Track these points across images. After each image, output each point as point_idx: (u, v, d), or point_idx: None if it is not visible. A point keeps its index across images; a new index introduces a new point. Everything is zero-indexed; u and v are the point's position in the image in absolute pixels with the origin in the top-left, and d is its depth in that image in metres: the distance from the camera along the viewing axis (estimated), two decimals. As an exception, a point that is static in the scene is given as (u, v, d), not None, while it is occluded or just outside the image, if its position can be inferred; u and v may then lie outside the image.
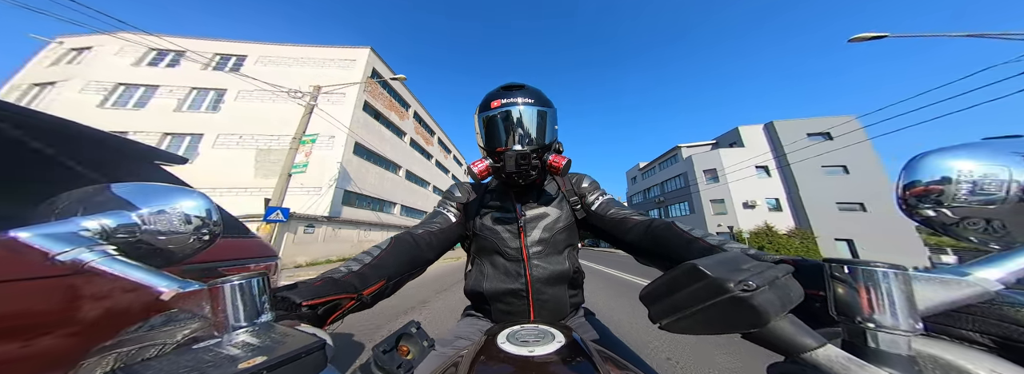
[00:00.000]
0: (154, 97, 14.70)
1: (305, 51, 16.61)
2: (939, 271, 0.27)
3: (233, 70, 15.50)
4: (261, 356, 0.24)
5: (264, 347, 0.26)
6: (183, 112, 14.49)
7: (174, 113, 14.37)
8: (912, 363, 0.24)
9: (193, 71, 15.32)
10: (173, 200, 0.42)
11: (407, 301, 4.96)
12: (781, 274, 0.29)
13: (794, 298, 0.28)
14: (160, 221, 0.40)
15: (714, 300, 0.26)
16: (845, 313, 0.27)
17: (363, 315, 3.20)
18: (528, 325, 0.60)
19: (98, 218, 0.36)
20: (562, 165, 0.78)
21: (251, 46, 16.36)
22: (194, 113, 14.56)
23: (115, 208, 0.38)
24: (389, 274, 0.63)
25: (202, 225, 0.43)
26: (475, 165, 0.79)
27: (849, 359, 0.23)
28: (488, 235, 0.90)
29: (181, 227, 0.42)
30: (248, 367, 0.23)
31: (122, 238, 0.38)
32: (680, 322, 0.29)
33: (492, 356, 0.49)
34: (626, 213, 0.84)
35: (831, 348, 0.24)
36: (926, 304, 0.26)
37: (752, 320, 0.25)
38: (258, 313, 0.32)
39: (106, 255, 0.33)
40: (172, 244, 0.41)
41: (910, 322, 0.25)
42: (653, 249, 0.69)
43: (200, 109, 14.80)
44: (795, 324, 0.26)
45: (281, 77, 14.41)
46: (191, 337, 0.32)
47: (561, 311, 0.88)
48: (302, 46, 16.62)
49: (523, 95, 0.82)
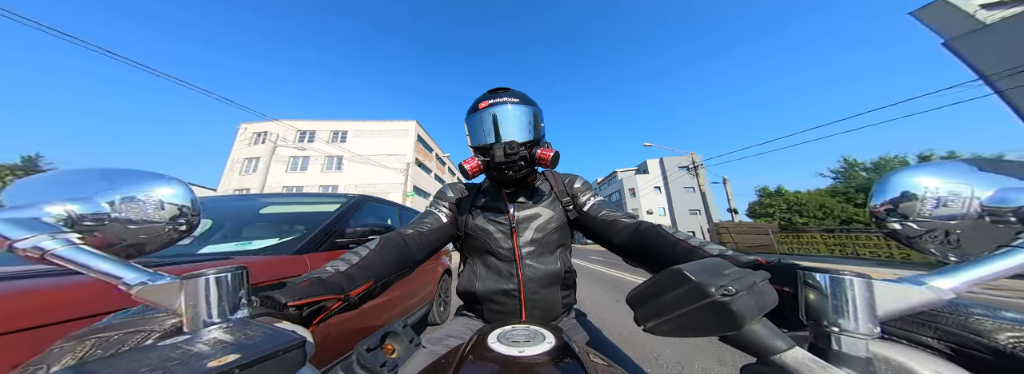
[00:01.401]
0: (310, 163, 24.38)
1: (376, 125, 26.57)
2: (899, 280, 0.28)
3: (342, 142, 25.14)
4: (234, 354, 0.23)
5: (238, 344, 0.25)
6: (325, 172, 24.14)
7: (321, 173, 24.00)
8: (868, 364, 0.26)
9: (322, 144, 24.37)
10: (146, 186, 0.38)
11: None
12: (759, 280, 0.30)
13: (769, 303, 0.29)
14: (131, 209, 0.37)
15: (696, 304, 0.27)
16: (813, 317, 0.29)
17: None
18: (519, 325, 0.59)
19: (63, 204, 0.33)
20: (550, 157, 0.79)
21: (349, 124, 26.16)
22: (330, 172, 24.19)
23: (82, 194, 0.35)
24: (377, 274, 0.63)
25: (178, 214, 0.39)
26: (466, 162, 0.79)
27: (813, 360, 0.25)
28: (480, 235, 0.90)
29: (154, 216, 0.38)
30: (218, 366, 0.21)
31: (88, 226, 0.34)
32: (664, 325, 0.29)
33: (481, 355, 0.48)
34: (616, 215, 0.84)
35: (798, 350, 0.26)
36: (885, 310, 0.27)
37: (730, 324, 0.26)
38: (234, 309, 0.31)
39: (69, 244, 0.30)
40: (144, 234, 0.38)
41: (869, 326, 0.27)
42: (640, 250, 0.70)
43: (331, 169, 24.35)
44: (768, 327, 0.27)
45: (367, 145, 24.94)
46: (160, 333, 0.30)
47: (553, 311, 0.88)
48: (374, 121, 26.63)
49: (508, 96, 0.84)
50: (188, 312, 0.30)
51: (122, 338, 0.30)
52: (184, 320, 0.30)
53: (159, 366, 0.21)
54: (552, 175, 1.00)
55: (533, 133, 0.83)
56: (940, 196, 0.32)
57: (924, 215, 0.33)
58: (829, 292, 0.28)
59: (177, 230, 0.40)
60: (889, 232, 0.36)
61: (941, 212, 0.32)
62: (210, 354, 0.23)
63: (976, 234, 0.32)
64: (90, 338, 0.29)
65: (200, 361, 0.22)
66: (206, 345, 0.24)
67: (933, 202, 0.33)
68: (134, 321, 0.32)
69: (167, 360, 0.22)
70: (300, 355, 0.26)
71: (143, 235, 0.38)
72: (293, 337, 0.26)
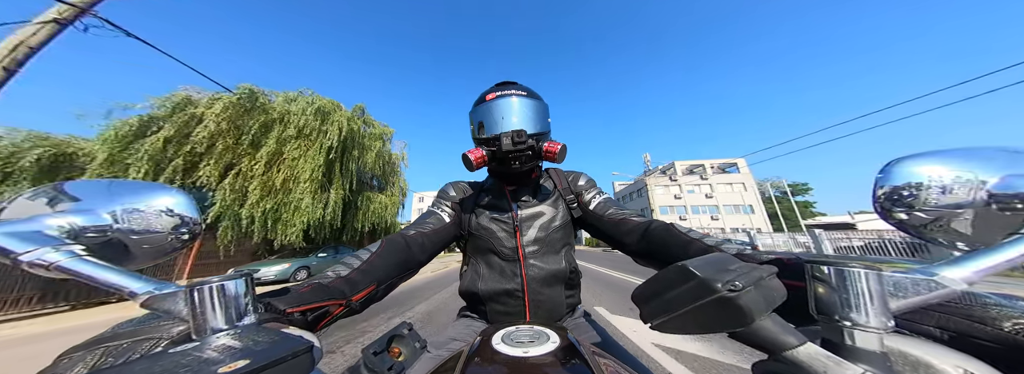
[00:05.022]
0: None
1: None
2: (910, 271, 0.28)
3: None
4: (243, 359, 0.23)
5: (246, 350, 0.25)
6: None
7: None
8: (884, 359, 0.25)
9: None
10: (148, 197, 0.39)
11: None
12: (766, 274, 0.29)
13: (777, 298, 0.29)
14: (134, 219, 0.37)
15: (703, 300, 0.27)
16: (824, 312, 0.28)
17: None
18: (523, 326, 0.59)
19: (66, 216, 0.34)
20: (558, 150, 0.76)
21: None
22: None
23: (85, 206, 0.36)
24: (379, 278, 0.62)
25: (180, 224, 0.40)
26: (471, 153, 0.77)
27: (827, 356, 0.24)
28: (484, 234, 0.88)
29: (157, 226, 0.39)
30: (229, 371, 0.22)
31: (92, 238, 0.35)
32: (671, 322, 0.29)
33: (486, 357, 0.48)
34: (625, 214, 0.82)
35: (811, 346, 0.25)
36: (898, 303, 0.27)
37: (738, 319, 0.26)
38: (241, 315, 0.31)
39: (74, 255, 0.31)
40: (147, 244, 0.39)
41: (882, 320, 0.26)
42: (652, 251, 0.68)
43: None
44: (778, 323, 0.27)
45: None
46: (168, 341, 0.31)
47: (557, 311, 0.86)
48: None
49: (516, 89, 0.83)
50: (196, 319, 0.30)
51: (131, 346, 0.30)
52: (192, 327, 0.30)
53: (171, 372, 0.22)
54: (556, 173, 0.98)
55: (541, 126, 0.82)
56: (945, 184, 0.32)
57: (930, 204, 0.33)
58: (838, 285, 0.27)
59: (179, 239, 0.40)
60: (896, 222, 0.35)
61: (947, 200, 0.32)
62: (220, 360, 0.23)
63: (984, 222, 0.31)
64: (99, 347, 0.29)
65: (211, 367, 0.22)
66: (216, 351, 0.25)
67: (939, 190, 0.32)
68: (141, 329, 0.32)
69: (179, 367, 0.22)
70: (308, 360, 0.26)
71: (146, 245, 0.39)
72: (301, 342, 0.27)
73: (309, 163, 9.48)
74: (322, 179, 9.76)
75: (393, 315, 4.54)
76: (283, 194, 9.18)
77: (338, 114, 10.57)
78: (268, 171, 9.11)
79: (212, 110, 8.60)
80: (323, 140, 9.87)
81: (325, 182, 9.99)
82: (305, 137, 9.68)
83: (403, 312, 4.79)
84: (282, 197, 9.14)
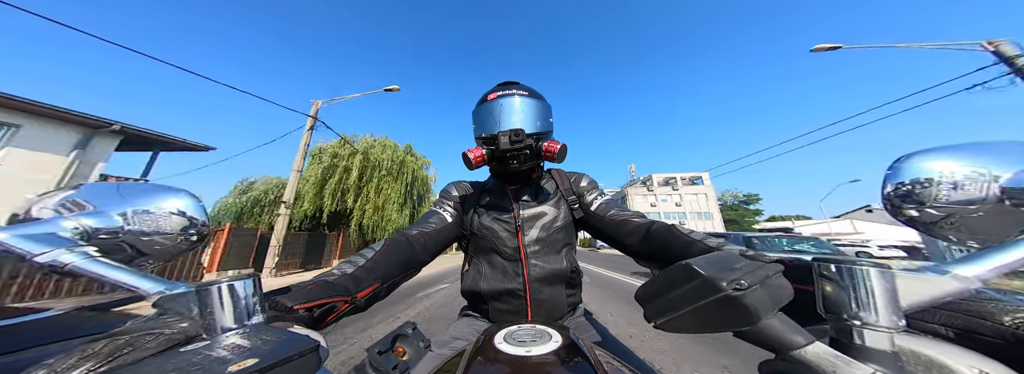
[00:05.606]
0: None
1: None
2: (921, 269, 0.27)
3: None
4: (252, 358, 0.23)
5: (255, 349, 0.25)
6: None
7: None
8: (895, 359, 0.25)
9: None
10: (158, 199, 0.40)
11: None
12: (772, 273, 0.29)
13: (784, 297, 0.28)
14: (144, 221, 0.38)
15: (707, 299, 0.26)
16: (833, 310, 0.27)
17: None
18: (525, 325, 0.59)
19: (78, 218, 0.35)
20: (557, 149, 0.76)
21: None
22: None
23: (97, 208, 0.37)
24: (383, 276, 0.63)
25: (190, 225, 0.41)
26: (470, 151, 0.77)
27: (836, 356, 0.24)
28: (486, 234, 0.89)
29: (167, 227, 0.39)
30: (238, 370, 0.22)
31: (104, 239, 0.36)
32: (675, 321, 0.29)
33: (489, 356, 0.48)
34: (626, 215, 0.82)
35: (819, 345, 0.25)
36: (909, 301, 0.26)
37: (744, 318, 0.25)
38: (249, 315, 0.32)
39: (87, 256, 0.32)
40: (157, 245, 0.39)
41: (893, 319, 0.25)
42: (654, 252, 0.68)
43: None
44: (785, 322, 0.26)
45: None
46: (179, 340, 0.31)
47: (559, 311, 0.86)
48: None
49: (518, 89, 0.84)
50: (205, 319, 0.31)
51: (143, 345, 0.30)
52: (202, 326, 0.31)
53: (183, 371, 0.22)
54: (558, 174, 0.99)
55: (541, 126, 0.82)
56: (957, 180, 0.31)
57: (941, 200, 0.32)
58: (848, 284, 0.27)
59: (188, 240, 0.41)
60: (906, 220, 0.35)
61: (959, 197, 0.31)
62: (230, 359, 0.24)
63: (997, 219, 0.30)
64: (111, 345, 0.30)
65: (221, 366, 0.23)
66: (225, 350, 0.25)
67: (950, 186, 0.31)
68: (153, 328, 0.32)
69: (190, 365, 0.23)
70: (315, 358, 0.27)
71: (157, 246, 0.40)
72: (308, 341, 0.27)
73: (395, 191, 16.03)
74: (402, 200, 16.30)
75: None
76: (382, 211, 15.64)
77: (408, 159, 17.20)
78: (374, 198, 15.66)
79: (355, 160, 15.41)
80: (403, 178, 16.70)
81: (403, 202, 16.45)
82: (391, 174, 16.42)
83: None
84: (381, 213, 15.57)
